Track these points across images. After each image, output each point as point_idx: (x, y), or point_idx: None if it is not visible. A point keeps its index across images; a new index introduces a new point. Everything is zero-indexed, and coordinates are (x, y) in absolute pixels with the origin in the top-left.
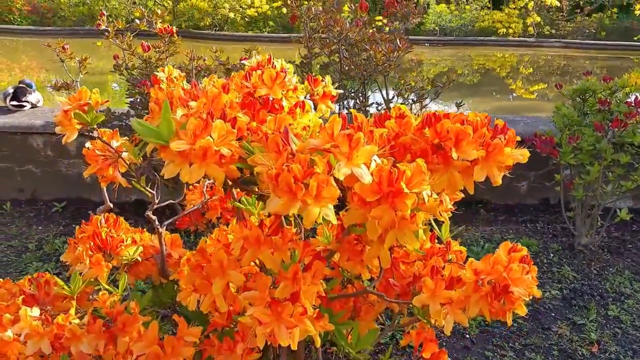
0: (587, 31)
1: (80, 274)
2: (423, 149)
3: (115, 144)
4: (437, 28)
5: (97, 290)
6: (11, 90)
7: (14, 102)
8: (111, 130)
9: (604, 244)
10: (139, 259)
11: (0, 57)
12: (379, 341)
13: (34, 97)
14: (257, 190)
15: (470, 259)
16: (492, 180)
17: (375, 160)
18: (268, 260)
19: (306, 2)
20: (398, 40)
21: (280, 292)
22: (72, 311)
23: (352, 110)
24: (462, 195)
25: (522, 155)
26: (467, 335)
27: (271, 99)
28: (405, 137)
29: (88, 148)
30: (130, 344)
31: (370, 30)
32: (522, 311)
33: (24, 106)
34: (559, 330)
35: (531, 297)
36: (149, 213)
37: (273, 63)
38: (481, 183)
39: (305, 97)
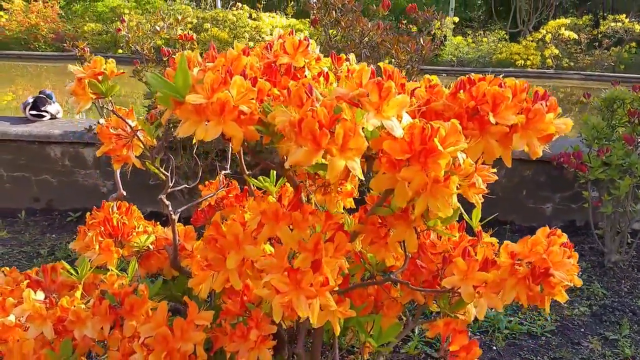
0: (605, 64)
1: (89, 261)
2: (457, 114)
3: (130, 124)
4: (454, 59)
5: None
6: (31, 100)
7: (33, 112)
8: (126, 110)
9: (634, 263)
10: (150, 247)
11: (25, 82)
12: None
13: (53, 107)
14: (274, 164)
15: (505, 242)
16: (531, 151)
17: (406, 117)
18: (286, 236)
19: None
20: (422, 40)
21: (299, 262)
22: (78, 294)
23: (380, 63)
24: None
25: (565, 124)
26: (495, 347)
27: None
28: (437, 102)
29: (102, 125)
30: (137, 327)
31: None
32: (563, 298)
33: (43, 116)
34: (590, 345)
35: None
36: (163, 197)
37: (295, 35)
38: (506, 204)
39: None
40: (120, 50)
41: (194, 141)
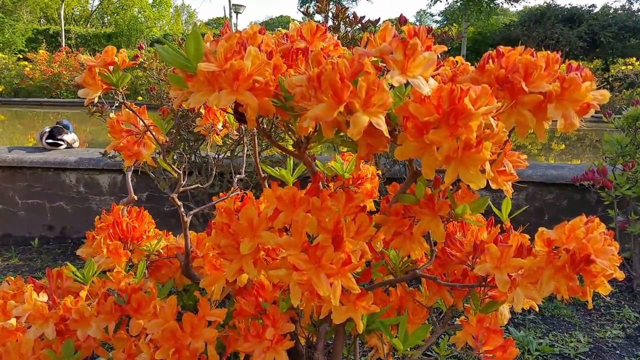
0: (617, 107)
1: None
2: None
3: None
4: None
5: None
6: (47, 130)
7: (50, 140)
8: (138, 107)
9: None
10: (161, 251)
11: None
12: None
13: (69, 137)
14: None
15: (541, 229)
16: (567, 123)
17: (432, 81)
18: (304, 220)
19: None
20: None
21: (319, 240)
22: (83, 294)
23: (403, 27)
24: None
25: (602, 95)
26: None
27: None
28: (463, 77)
29: (112, 119)
30: (144, 324)
31: None
32: (605, 290)
33: (60, 145)
34: None
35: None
36: (174, 196)
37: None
38: (527, 229)
39: None
40: (140, 97)
41: (208, 146)
